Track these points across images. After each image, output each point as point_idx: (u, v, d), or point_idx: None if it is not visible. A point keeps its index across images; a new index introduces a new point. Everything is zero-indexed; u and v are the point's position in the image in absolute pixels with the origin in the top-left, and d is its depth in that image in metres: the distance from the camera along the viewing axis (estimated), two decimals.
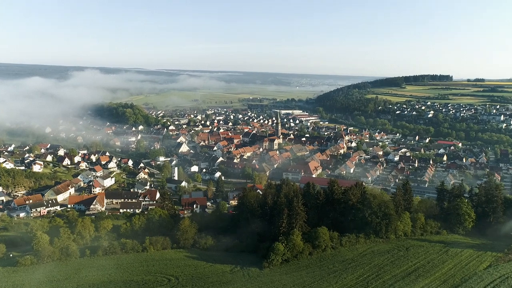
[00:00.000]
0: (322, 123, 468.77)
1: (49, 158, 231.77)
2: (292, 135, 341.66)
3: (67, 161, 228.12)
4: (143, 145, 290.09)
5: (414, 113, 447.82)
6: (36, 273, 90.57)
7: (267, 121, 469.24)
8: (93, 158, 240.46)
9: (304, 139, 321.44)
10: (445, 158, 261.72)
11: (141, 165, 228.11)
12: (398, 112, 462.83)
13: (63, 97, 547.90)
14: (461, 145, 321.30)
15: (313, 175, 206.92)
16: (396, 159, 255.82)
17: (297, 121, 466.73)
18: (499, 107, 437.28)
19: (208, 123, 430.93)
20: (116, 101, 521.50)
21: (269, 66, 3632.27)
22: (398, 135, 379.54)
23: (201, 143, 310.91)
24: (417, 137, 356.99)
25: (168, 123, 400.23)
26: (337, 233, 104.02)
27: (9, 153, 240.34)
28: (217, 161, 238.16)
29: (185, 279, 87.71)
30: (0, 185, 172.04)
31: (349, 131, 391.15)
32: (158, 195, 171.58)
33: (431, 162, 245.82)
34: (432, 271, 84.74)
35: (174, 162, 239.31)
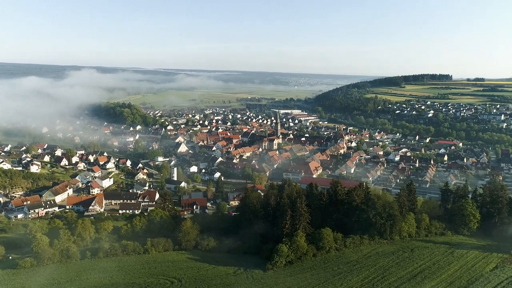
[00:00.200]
0: (321, 122, 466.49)
1: (47, 158, 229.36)
2: (291, 135, 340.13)
3: (64, 162, 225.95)
4: (141, 145, 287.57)
5: (414, 112, 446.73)
6: (37, 275, 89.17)
7: (266, 121, 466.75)
8: (91, 158, 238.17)
9: (303, 139, 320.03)
10: (446, 158, 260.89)
11: (140, 165, 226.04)
12: (398, 111, 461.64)
13: (60, 96, 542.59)
14: (461, 145, 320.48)
15: (314, 176, 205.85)
16: (396, 159, 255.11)
17: (296, 121, 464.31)
18: (499, 106, 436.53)
19: (206, 123, 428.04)
20: (113, 100, 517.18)
21: (267, 65, 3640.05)
22: (398, 135, 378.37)
23: (199, 143, 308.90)
24: (417, 137, 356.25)
25: (166, 123, 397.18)
26: (341, 234, 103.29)
27: (5, 153, 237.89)
28: (217, 161, 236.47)
29: (188, 281, 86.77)
30: None
31: (349, 131, 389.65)
32: (157, 195, 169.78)
33: (432, 162, 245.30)
34: (438, 273, 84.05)
35: (173, 162, 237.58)
